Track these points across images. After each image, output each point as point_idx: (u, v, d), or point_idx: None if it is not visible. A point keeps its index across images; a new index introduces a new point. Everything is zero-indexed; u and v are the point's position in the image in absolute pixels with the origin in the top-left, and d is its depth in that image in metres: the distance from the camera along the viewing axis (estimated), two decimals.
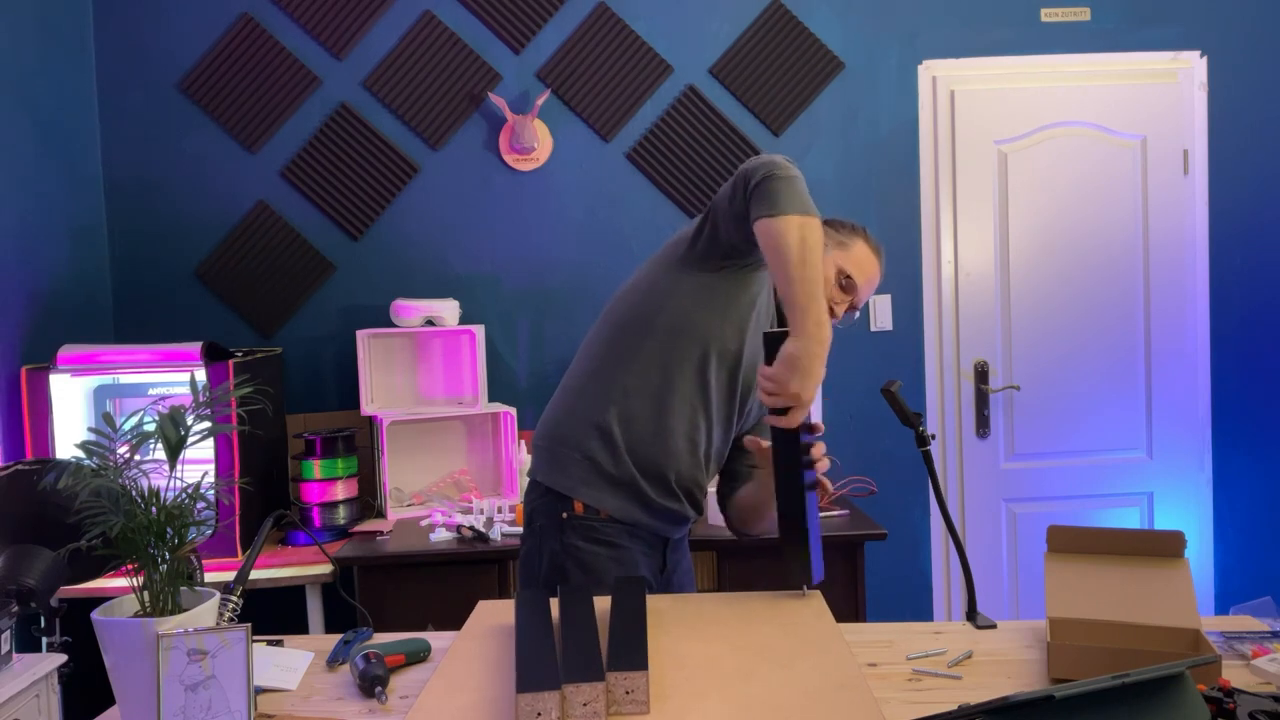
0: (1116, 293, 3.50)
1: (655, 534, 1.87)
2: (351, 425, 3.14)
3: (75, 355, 2.81)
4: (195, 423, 1.32)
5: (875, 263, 1.97)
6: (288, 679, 1.48)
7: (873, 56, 3.44)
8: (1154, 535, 1.56)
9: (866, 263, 1.94)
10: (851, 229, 1.97)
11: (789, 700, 1.23)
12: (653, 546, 1.87)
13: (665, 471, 1.81)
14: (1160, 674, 1.02)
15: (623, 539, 1.81)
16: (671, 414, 1.79)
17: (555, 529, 1.82)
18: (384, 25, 3.33)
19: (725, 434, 1.89)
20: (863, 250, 1.94)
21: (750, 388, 1.86)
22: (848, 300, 1.93)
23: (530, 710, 1.18)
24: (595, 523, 1.80)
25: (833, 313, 1.89)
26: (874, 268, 1.97)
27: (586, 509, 1.80)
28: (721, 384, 1.82)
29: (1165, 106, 3.48)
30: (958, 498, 3.52)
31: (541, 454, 1.88)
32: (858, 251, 1.94)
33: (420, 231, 3.37)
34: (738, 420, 1.90)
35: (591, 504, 1.80)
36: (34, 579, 1.93)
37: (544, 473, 1.86)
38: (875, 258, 1.98)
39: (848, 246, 1.94)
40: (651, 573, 1.86)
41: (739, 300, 1.81)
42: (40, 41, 3.01)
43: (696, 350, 1.79)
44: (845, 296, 1.92)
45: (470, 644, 1.49)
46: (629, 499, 1.81)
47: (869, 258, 1.95)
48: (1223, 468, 3.55)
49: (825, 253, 1.83)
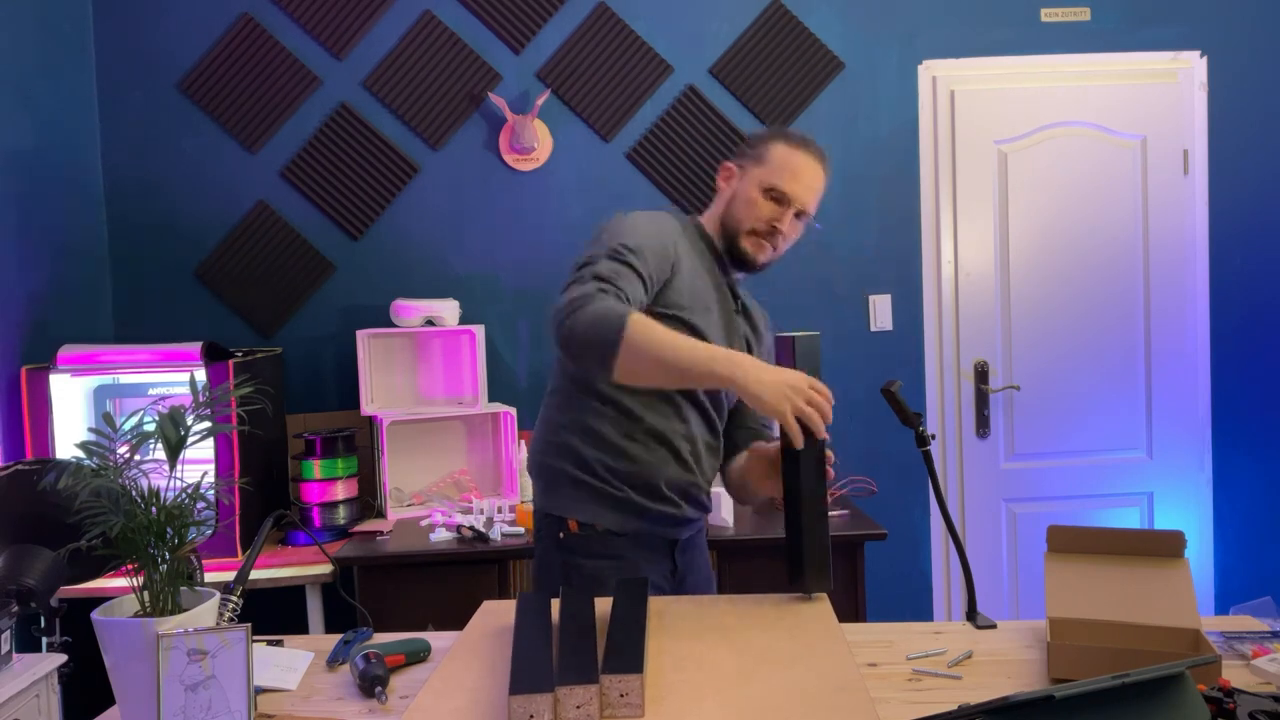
0: (1116, 293, 3.50)
1: (659, 538, 1.83)
2: (351, 425, 3.15)
3: (75, 355, 2.81)
4: (195, 423, 1.31)
5: (803, 157, 1.79)
6: (288, 679, 1.48)
7: (873, 56, 3.44)
8: (1154, 535, 1.56)
9: (789, 162, 1.78)
10: (767, 136, 1.83)
11: (786, 703, 1.23)
12: (658, 551, 1.83)
13: (653, 480, 1.77)
14: (1160, 674, 1.02)
15: (624, 550, 1.78)
16: (639, 426, 1.76)
17: (555, 549, 1.80)
18: (384, 25, 3.33)
19: (710, 425, 1.84)
20: (781, 152, 1.79)
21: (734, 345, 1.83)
22: (786, 212, 1.79)
23: (523, 713, 1.17)
24: (593, 538, 1.78)
25: (777, 231, 1.80)
26: (801, 163, 1.79)
27: (582, 526, 1.78)
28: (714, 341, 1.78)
29: (1165, 106, 3.48)
30: (958, 498, 3.53)
31: (534, 480, 1.87)
32: (776, 156, 1.79)
33: (420, 231, 3.37)
34: (719, 409, 1.85)
35: (587, 521, 1.77)
36: (34, 579, 1.92)
37: (539, 499, 1.85)
38: (802, 151, 1.80)
39: (763, 158, 1.80)
40: (661, 577, 1.82)
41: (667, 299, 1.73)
42: (40, 41, 3.01)
43: None
44: (781, 209, 1.79)
45: (471, 644, 1.49)
46: (624, 511, 1.77)
47: (791, 155, 1.79)
48: (1223, 468, 3.55)
49: (743, 175, 1.81)
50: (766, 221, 1.79)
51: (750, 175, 1.80)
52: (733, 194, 1.84)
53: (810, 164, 1.80)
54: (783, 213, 1.79)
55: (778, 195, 1.78)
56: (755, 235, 1.81)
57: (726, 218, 1.84)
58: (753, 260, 1.83)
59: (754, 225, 1.80)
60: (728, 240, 1.83)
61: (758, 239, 1.81)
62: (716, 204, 1.88)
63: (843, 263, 3.44)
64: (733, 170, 1.86)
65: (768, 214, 1.79)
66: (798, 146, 1.80)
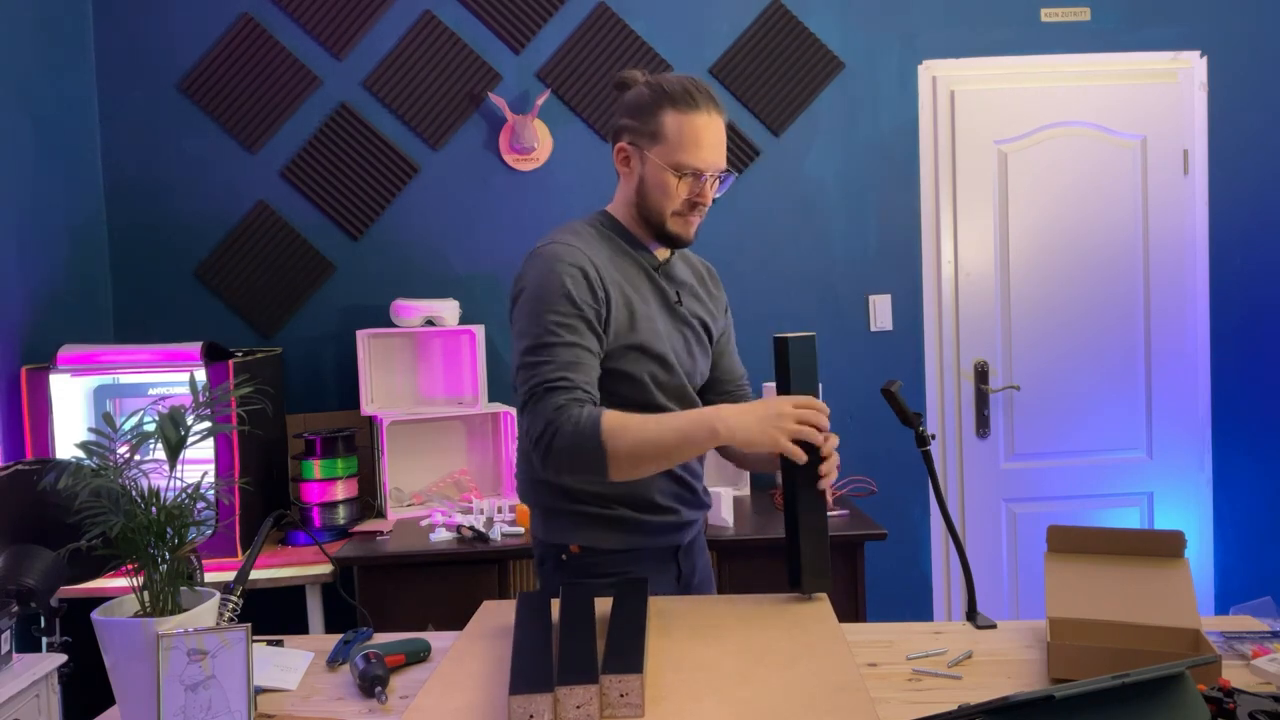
0: (1116, 293, 3.50)
1: (662, 548, 1.80)
2: (351, 425, 3.15)
3: (75, 355, 2.81)
4: (195, 423, 1.32)
5: (699, 118, 1.65)
6: (288, 679, 1.48)
7: (873, 56, 3.44)
8: (1154, 535, 1.56)
9: (688, 131, 1.65)
10: (652, 105, 1.67)
11: (785, 703, 1.23)
12: (663, 560, 1.80)
13: (645, 494, 1.73)
14: (1160, 674, 1.02)
15: (628, 565, 1.74)
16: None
17: (558, 571, 1.77)
18: (384, 25, 3.33)
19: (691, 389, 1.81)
20: (674, 122, 1.65)
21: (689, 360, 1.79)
22: (703, 183, 1.68)
23: (523, 712, 1.17)
24: (596, 558, 1.74)
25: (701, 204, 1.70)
26: (700, 126, 1.65)
27: (584, 549, 1.74)
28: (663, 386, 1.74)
29: (1165, 106, 3.48)
30: (958, 498, 3.52)
31: (530, 510, 1.83)
32: (670, 129, 1.65)
33: (420, 231, 3.37)
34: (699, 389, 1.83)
35: (588, 545, 1.74)
36: (34, 579, 1.92)
37: (537, 528, 1.81)
38: (694, 113, 1.65)
39: (658, 134, 1.66)
40: (668, 587, 1.79)
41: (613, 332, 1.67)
42: (40, 41, 3.01)
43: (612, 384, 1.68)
44: (697, 182, 1.68)
45: (471, 644, 1.49)
46: (623, 529, 1.74)
47: (686, 122, 1.65)
48: (1223, 468, 3.55)
49: (642, 156, 1.68)
50: (687, 200, 1.69)
51: (651, 155, 1.67)
52: (639, 179, 1.71)
53: (708, 121, 1.65)
54: (700, 185, 1.68)
55: (689, 171, 1.66)
56: (679, 215, 1.71)
57: (643, 207, 1.73)
58: (685, 239, 1.74)
59: (675, 208, 1.70)
60: (653, 227, 1.73)
61: (683, 218, 1.71)
62: (623, 189, 1.77)
63: (843, 263, 3.44)
64: (629, 151, 1.72)
65: (685, 192, 1.68)
66: (687, 109, 1.64)
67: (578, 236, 1.73)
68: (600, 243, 1.74)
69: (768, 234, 3.41)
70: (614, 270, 1.71)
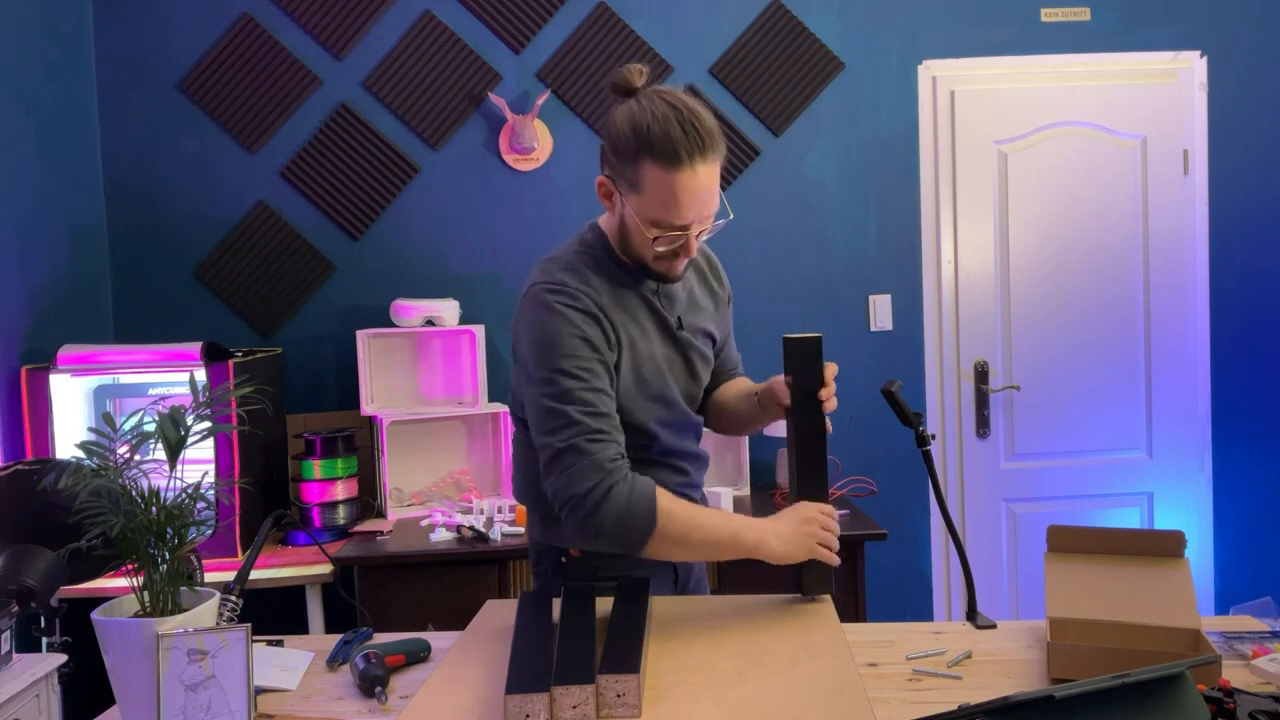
0: (1116, 293, 3.50)
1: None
2: (351, 425, 3.15)
3: (75, 355, 2.81)
4: (195, 423, 1.32)
5: (680, 177, 1.49)
6: (288, 679, 1.49)
7: (873, 56, 3.44)
8: (1154, 535, 1.56)
9: (667, 192, 1.50)
10: (634, 151, 1.51)
11: (783, 705, 1.23)
12: (660, 564, 1.76)
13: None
14: (1160, 674, 1.02)
15: (628, 568, 1.70)
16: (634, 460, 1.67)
17: (556, 574, 1.75)
18: (384, 25, 3.33)
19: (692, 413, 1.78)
20: (653, 178, 1.50)
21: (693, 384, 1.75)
22: (685, 235, 1.56)
23: (519, 712, 1.18)
24: (597, 561, 1.70)
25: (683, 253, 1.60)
26: (682, 186, 1.50)
27: (584, 552, 1.71)
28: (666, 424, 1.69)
29: (1165, 106, 3.48)
30: (958, 498, 3.52)
31: (527, 511, 1.80)
32: (649, 185, 1.51)
33: (420, 231, 3.37)
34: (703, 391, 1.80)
35: (588, 549, 1.70)
36: (34, 579, 1.92)
37: (535, 531, 1.77)
38: (676, 172, 1.49)
39: (636, 184, 1.53)
40: (665, 589, 1.77)
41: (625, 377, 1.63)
42: (40, 41, 3.01)
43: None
44: (677, 231, 1.55)
45: (473, 643, 1.49)
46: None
47: (666, 182, 1.50)
48: (1223, 468, 3.55)
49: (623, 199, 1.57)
50: (668, 250, 1.59)
51: (630, 203, 1.55)
52: (620, 220, 1.61)
53: (691, 177, 1.50)
54: (681, 238, 1.56)
55: (668, 229, 1.54)
56: (662, 260, 1.61)
57: (625, 246, 1.64)
58: (672, 278, 1.66)
59: (656, 254, 1.59)
60: (637, 265, 1.65)
61: (667, 262, 1.62)
62: (610, 218, 1.67)
63: (843, 263, 3.44)
64: (610, 187, 1.60)
65: (666, 245, 1.57)
66: (669, 167, 1.48)
67: (576, 275, 1.62)
68: (596, 275, 1.64)
69: (768, 234, 3.41)
70: (617, 309, 1.63)
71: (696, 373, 1.77)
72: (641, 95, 1.56)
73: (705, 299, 1.81)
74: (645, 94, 1.55)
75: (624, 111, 1.55)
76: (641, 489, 1.51)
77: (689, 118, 1.50)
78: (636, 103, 1.55)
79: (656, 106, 1.51)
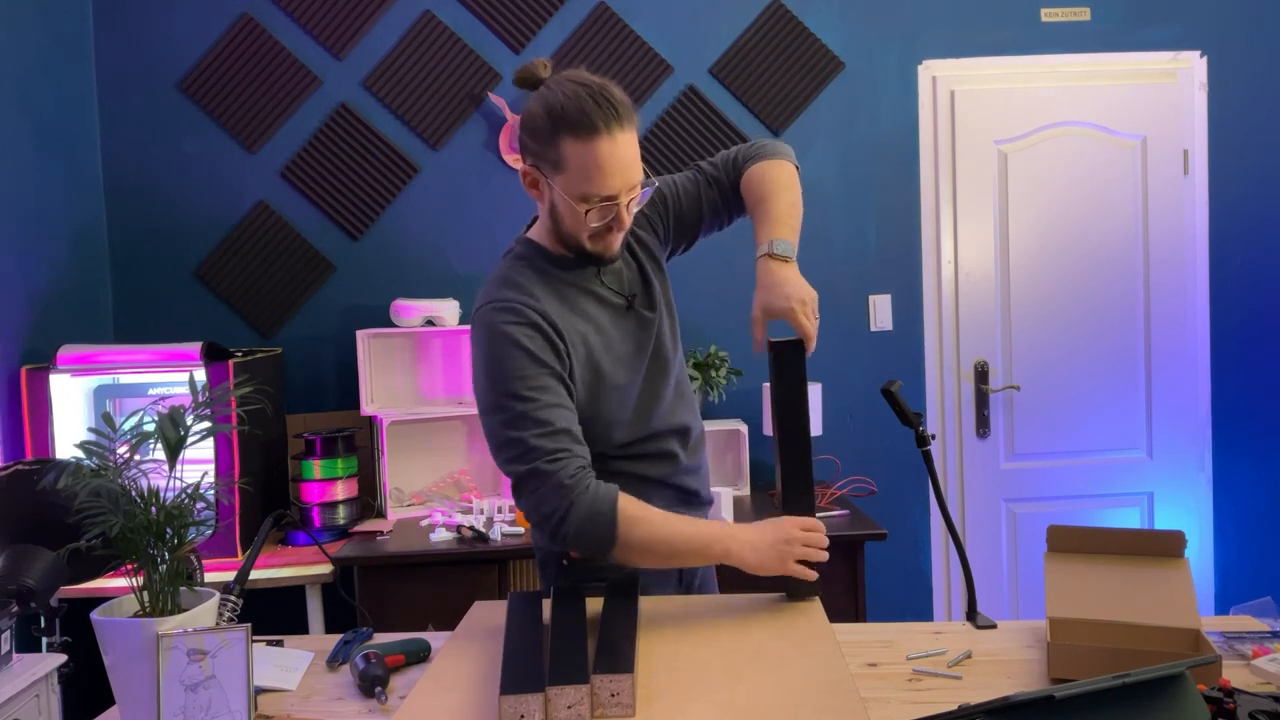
0: (1116, 292, 3.50)
1: None
2: (351, 425, 3.14)
3: (75, 355, 2.81)
4: (195, 423, 1.32)
5: (599, 145, 1.51)
6: (288, 679, 1.49)
7: (873, 56, 3.44)
8: (1154, 535, 1.56)
9: (589, 162, 1.51)
10: (549, 130, 1.53)
11: (776, 704, 1.23)
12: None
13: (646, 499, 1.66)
14: (1160, 674, 1.02)
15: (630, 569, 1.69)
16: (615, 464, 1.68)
17: (560, 574, 1.74)
18: (384, 25, 3.33)
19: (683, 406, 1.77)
20: (573, 151, 1.52)
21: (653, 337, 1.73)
22: (615, 206, 1.57)
23: (513, 712, 1.18)
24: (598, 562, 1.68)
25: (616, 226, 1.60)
26: (603, 154, 1.51)
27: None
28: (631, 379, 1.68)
29: (1165, 106, 3.48)
30: (958, 498, 3.52)
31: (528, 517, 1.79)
32: (570, 159, 1.53)
33: (420, 231, 3.37)
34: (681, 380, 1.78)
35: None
36: (34, 579, 1.92)
37: (536, 535, 1.77)
38: (594, 140, 1.50)
39: (558, 163, 1.54)
40: (670, 588, 1.76)
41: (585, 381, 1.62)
42: (40, 41, 3.01)
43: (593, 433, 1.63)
44: (608, 206, 1.56)
45: (463, 644, 1.49)
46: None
47: (586, 152, 1.51)
48: (1223, 468, 3.55)
49: (548, 183, 1.58)
50: (601, 225, 1.59)
51: (557, 183, 1.56)
52: (551, 206, 1.62)
53: (610, 144, 1.51)
54: (612, 209, 1.57)
55: (597, 200, 1.55)
56: (598, 237, 1.62)
57: (560, 233, 1.64)
58: (609, 256, 1.66)
59: (590, 232, 1.60)
60: (574, 250, 1.65)
61: (602, 239, 1.62)
62: (541, 213, 1.69)
63: (843, 263, 3.44)
64: (534, 175, 1.62)
65: (597, 219, 1.57)
66: (587, 136, 1.50)
67: (516, 289, 1.62)
68: (537, 284, 1.64)
69: None
70: (564, 311, 1.63)
71: (664, 347, 1.75)
72: (550, 81, 1.60)
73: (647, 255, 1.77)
74: (553, 79, 1.60)
75: (536, 98, 1.60)
76: (602, 498, 1.51)
77: (599, 91, 1.53)
78: (546, 88, 1.58)
79: (565, 87, 1.55)
